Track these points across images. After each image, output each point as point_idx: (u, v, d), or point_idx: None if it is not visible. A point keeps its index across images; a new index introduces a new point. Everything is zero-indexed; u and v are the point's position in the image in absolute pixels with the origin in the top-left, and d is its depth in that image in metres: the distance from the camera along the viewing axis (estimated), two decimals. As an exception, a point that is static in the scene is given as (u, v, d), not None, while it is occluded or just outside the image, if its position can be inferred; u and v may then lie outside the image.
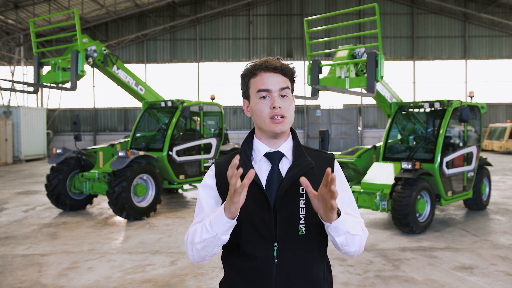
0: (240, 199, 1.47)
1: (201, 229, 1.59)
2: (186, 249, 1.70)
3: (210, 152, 10.10)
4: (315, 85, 7.75)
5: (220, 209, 1.55)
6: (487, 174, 8.93)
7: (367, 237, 1.75)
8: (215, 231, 1.55)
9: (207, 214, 1.70)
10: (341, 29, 24.25)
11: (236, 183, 1.44)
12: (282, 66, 1.68)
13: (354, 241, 1.62)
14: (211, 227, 1.55)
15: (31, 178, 14.74)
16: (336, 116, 25.34)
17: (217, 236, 1.55)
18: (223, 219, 1.52)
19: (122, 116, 26.21)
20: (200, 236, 1.59)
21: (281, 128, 1.66)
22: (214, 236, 1.55)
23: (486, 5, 25.49)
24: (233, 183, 1.44)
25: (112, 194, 7.91)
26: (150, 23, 25.51)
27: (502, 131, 22.87)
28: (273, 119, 1.65)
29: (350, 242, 1.61)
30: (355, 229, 1.61)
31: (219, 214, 1.54)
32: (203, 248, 1.60)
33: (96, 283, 4.95)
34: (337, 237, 1.58)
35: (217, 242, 1.58)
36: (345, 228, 1.56)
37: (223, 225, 1.53)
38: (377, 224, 7.71)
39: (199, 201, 1.75)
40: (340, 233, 1.57)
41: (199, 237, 1.59)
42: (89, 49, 8.76)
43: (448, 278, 5.03)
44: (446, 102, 7.71)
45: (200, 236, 1.59)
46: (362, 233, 1.67)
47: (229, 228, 1.55)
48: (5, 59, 23.56)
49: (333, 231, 1.56)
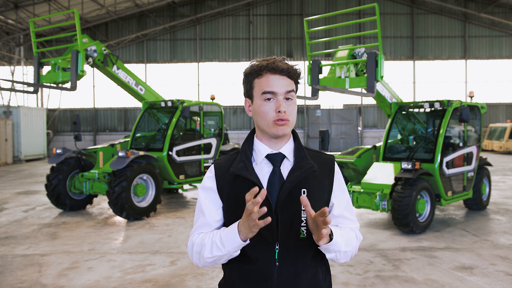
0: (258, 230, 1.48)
1: (211, 245, 1.60)
2: (191, 257, 1.70)
3: (210, 152, 10.10)
4: (315, 85, 7.75)
5: (234, 230, 1.54)
6: (487, 174, 8.93)
7: (360, 241, 1.78)
8: (228, 250, 1.57)
9: (208, 218, 1.69)
10: (341, 29, 24.25)
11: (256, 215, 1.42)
12: (289, 68, 1.65)
13: (345, 256, 1.66)
14: (223, 245, 1.57)
15: (31, 178, 14.74)
16: (336, 116, 25.34)
17: (228, 253, 1.58)
18: (237, 241, 1.54)
19: (122, 116, 26.21)
20: (210, 252, 1.60)
21: (283, 132, 1.65)
22: (226, 254, 1.58)
23: (486, 5, 25.49)
24: (254, 218, 1.43)
25: (112, 194, 7.91)
26: (150, 23, 25.51)
27: (502, 131, 22.87)
28: (277, 122, 1.63)
29: (341, 257, 1.65)
30: (347, 246, 1.65)
31: (232, 235, 1.54)
32: (213, 261, 1.64)
33: (96, 283, 4.95)
34: (327, 254, 1.64)
35: (228, 258, 1.62)
36: (336, 249, 1.60)
37: (236, 246, 1.56)
38: (377, 224, 7.71)
39: (198, 204, 1.74)
40: (331, 252, 1.62)
41: (209, 253, 1.61)
42: (89, 49, 8.76)
43: (448, 278, 5.03)
44: (446, 102, 7.71)
45: (211, 252, 1.60)
46: (356, 243, 1.71)
47: (241, 247, 1.58)
48: (5, 59, 23.56)
49: (323, 249, 1.60)
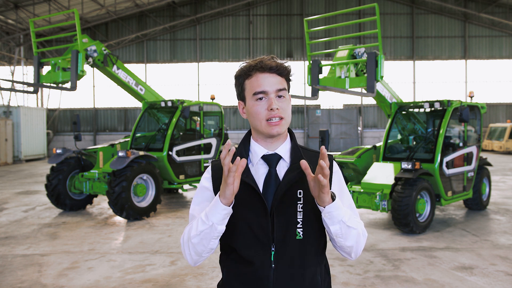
0: (234, 180, 1.47)
1: (197, 221, 1.58)
2: (183, 251, 1.67)
3: (210, 152, 10.10)
4: (315, 85, 7.75)
5: (216, 198, 1.54)
6: (487, 174, 8.93)
7: (366, 238, 1.73)
8: (211, 221, 1.53)
9: None
10: (341, 29, 24.25)
11: (230, 164, 1.44)
12: (277, 66, 1.64)
13: (349, 234, 1.59)
14: (207, 217, 1.54)
15: (31, 178, 14.74)
16: (336, 116, 25.35)
17: (213, 226, 1.54)
18: (219, 206, 1.51)
19: (122, 116, 26.21)
20: (196, 229, 1.58)
21: (278, 130, 1.63)
22: (211, 226, 1.54)
23: (486, 5, 25.49)
24: (226, 163, 1.44)
25: (112, 194, 7.90)
26: (150, 23, 25.51)
27: (502, 131, 22.87)
28: (270, 121, 1.62)
29: (345, 233, 1.58)
30: (351, 222, 1.59)
31: (214, 202, 1.54)
32: (199, 241, 1.58)
33: (96, 283, 4.95)
34: (331, 226, 1.56)
35: (214, 233, 1.56)
36: (339, 216, 1.54)
37: (219, 213, 1.52)
38: (377, 224, 7.71)
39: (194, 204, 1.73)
40: (334, 221, 1.55)
41: (195, 230, 1.58)
42: (89, 49, 8.76)
43: (448, 278, 5.03)
44: (446, 102, 7.71)
45: (196, 228, 1.57)
46: (360, 229, 1.65)
47: (225, 216, 1.54)
48: (5, 59, 23.56)
49: (327, 217, 1.54)
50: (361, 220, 1.76)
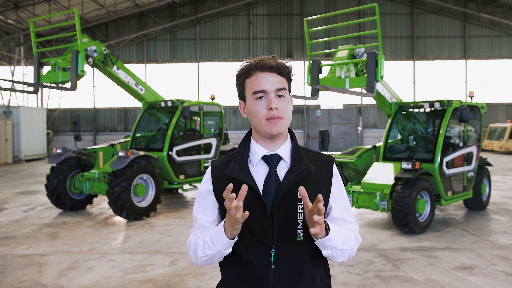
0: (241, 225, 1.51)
1: (203, 244, 1.62)
2: (189, 256, 1.73)
3: (210, 152, 10.10)
4: (315, 85, 7.75)
5: (220, 229, 1.56)
6: (487, 174, 8.93)
7: (359, 243, 1.76)
8: (218, 248, 1.58)
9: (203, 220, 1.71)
10: (341, 29, 24.25)
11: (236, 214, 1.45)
12: (278, 65, 1.63)
13: (341, 255, 1.64)
14: (213, 244, 1.58)
15: (31, 178, 14.74)
16: (336, 116, 25.34)
17: (220, 252, 1.60)
18: (224, 239, 1.56)
19: (122, 116, 26.21)
20: (202, 251, 1.62)
21: (277, 130, 1.62)
22: (217, 252, 1.60)
23: (486, 5, 25.48)
24: (233, 214, 1.45)
25: (112, 194, 7.90)
26: (150, 23, 25.51)
27: (502, 131, 22.87)
28: (270, 120, 1.61)
29: (337, 255, 1.63)
30: (344, 245, 1.62)
31: (219, 234, 1.56)
32: (207, 260, 1.66)
33: (96, 283, 4.95)
34: (323, 250, 1.61)
35: (221, 255, 1.63)
36: (332, 245, 1.58)
37: (225, 244, 1.57)
38: (377, 224, 7.71)
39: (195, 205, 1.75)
40: (327, 248, 1.59)
41: (202, 252, 1.63)
42: (89, 49, 8.76)
43: (448, 278, 5.03)
44: (446, 102, 7.71)
45: (203, 251, 1.62)
46: (354, 244, 1.69)
47: (230, 245, 1.59)
48: (5, 59, 23.56)
49: (319, 245, 1.59)
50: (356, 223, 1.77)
